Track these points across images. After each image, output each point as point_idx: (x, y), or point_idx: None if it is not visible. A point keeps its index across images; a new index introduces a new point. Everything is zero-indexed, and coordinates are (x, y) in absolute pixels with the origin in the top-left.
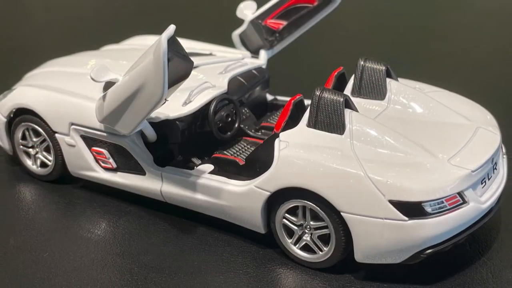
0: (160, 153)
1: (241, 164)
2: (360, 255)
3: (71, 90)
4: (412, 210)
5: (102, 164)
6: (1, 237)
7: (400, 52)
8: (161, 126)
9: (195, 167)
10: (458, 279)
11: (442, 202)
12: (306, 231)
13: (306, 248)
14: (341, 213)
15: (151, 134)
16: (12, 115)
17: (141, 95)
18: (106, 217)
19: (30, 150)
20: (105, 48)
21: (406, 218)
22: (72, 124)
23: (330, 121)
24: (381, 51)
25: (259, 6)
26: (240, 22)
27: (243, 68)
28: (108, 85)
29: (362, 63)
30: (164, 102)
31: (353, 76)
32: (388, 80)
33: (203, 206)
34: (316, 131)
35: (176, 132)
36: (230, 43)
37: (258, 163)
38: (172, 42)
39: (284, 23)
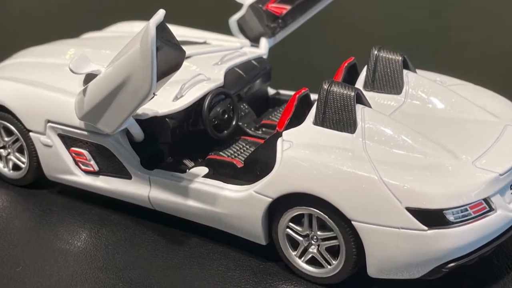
0: (148, 155)
1: (239, 166)
2: (373, 270)
3: (47, 83)
4: (432, 218)
5: (83, 167)
6: None
7: (418, 41)
8: (149, 124)
9: (188, 170)
10: None
11: (466, 210)
12: (313, 242)
13: (312, 261)
14: (352, 222)
15: (137, 133)
16: None
17: (126, 89)
18: (87, 226)
19: (1, 151)
20: (85, 35)
21: (426, 228)
22: (49, 121)
23: (340, 118)
24: (397, 39)
25: None
26: (238, 6)
27: (242, 58)
28: (89, 77)
29: (376, 52)
30: (153, 97)
31: (365, 68)
32: (405, 71)
33: (196, 214)
34: (323, 130)
35: (165, 130)
36: (227, 30)
37: (259, 165)
38: (162, 29)
39: (288, 7)
